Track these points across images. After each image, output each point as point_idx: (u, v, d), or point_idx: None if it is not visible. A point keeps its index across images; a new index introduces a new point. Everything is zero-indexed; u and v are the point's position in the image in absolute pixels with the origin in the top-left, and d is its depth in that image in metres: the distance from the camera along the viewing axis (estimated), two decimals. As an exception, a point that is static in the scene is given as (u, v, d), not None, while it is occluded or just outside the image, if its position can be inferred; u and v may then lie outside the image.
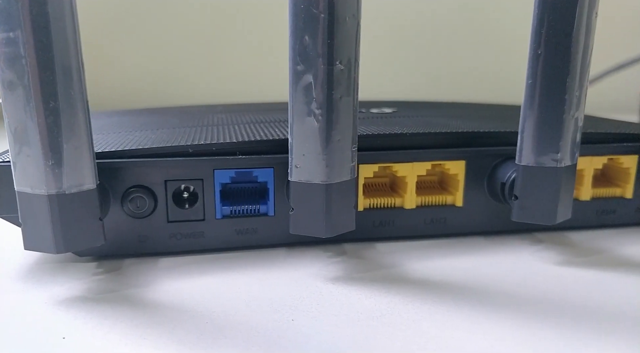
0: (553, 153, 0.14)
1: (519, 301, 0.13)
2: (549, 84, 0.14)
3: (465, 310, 0.12)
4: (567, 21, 0.14)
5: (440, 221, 0.17)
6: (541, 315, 0.12)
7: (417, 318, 0.12)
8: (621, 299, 0.13)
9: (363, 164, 0.16)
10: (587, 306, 0.13)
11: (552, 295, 0.13)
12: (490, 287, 0.14)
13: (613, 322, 0.12)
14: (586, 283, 0.14)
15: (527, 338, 0.11)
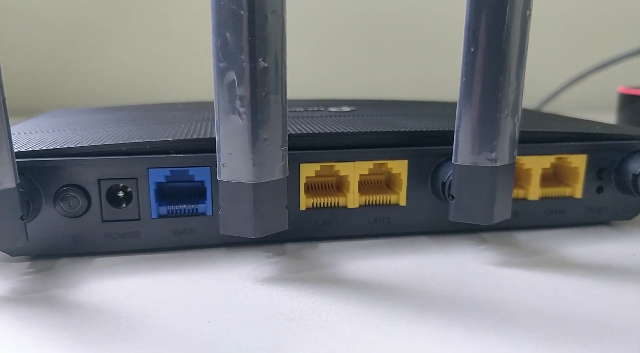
0: (488, 152, 0.14)
1: (443, 302, 0.13)
2: (482, 83, 0.14)
3: (387, 310, 0.12)
4: (499, 19, 0.13)
5: (384, 220, 0.17)
6: (461, 316, 0.12)
7: (336, 319, 0.12)
8: (548, 301, 0.13)
9: (305, 164, 0.16)
10: (510, 307, 0.12)
11: (479, 296, 0.13)
12: (419, 288, 0.13)
13: (531, 324, 0.12)
14: (517, 284, 0.14)
15: (439, 339, 0.11)
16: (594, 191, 0.18)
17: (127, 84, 0.55)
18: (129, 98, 0.53)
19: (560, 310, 0.12)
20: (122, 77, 0.56)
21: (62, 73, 0.54)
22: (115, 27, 0.55)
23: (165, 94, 0.55)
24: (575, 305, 0.13)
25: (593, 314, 0.12)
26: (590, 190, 0.18)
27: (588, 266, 0.15)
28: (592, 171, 0.18)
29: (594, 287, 0.14)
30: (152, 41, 0.56)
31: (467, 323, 0.12)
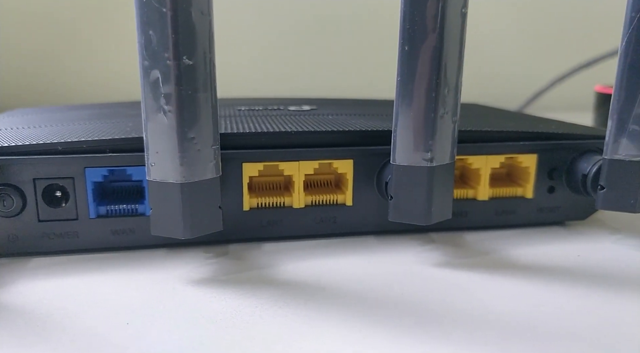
0: (424, 152, 0.14)
1: (369, 302, 0.12)
2: (416, 82, 0.14)
3: (312, 311, 0.12)
4: (432, 17, 0.13)
5: (331, 220, 0.17)
6: (382, 317, 0.12)
7: (257, 321, 0.12)
8: (476, 301, 0.13)
9: (247, 163, 0.16)
10: (435, 307, 0.12)
11: (407, 297, 0.13)
12: (350, 288, 0.13)
13: (451, 324, 0.11)
14: (450, 285, 0.14)
15: (357, 341, 0.11)
16: (545, 191, 0.18)
17: (115, 83, 0.55)
18: (117, 96, 0.53)
19: (485, 311, 0.12)
20: (113, 76, 0.55)
21: (54, 71, 0.54)
22: (99, 24, 0.55)
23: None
24: (502, 306, 0.12)
25: (518, 316, 0.12)
26: (541, 190, 0.18)
27: (528, 267, 0.15)
28: (543, 171, 0.18)
29: (527, 288, 0.13)
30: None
31: (387, 325, 0.11)
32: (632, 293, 0.13)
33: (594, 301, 0.13)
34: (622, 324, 0.12)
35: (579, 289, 0.13)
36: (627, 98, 0.15)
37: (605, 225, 0.19)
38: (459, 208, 0.18)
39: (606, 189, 0.16)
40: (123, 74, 0.54)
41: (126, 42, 0.55)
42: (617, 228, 0.18)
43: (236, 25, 0.56)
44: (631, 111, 0.15)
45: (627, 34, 0.15)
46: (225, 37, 0.55)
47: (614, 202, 0.16)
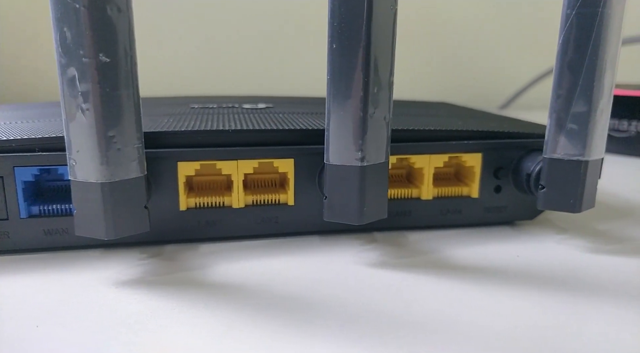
0: (355, 151, 0.14)
1: (291, 303, 0.12)
2: (345, 81, 0.13)
3: (231, 313, 0.12)
4: (358, 14, 0.13)
5: (272, 220, 0.17)
6: (301, 317, 0.12)
7: (170, 324, 0.11)
8: (401, 302, 0.12)
9: (183, 162, 0.16)
10: (355, 308, 0.12)
11: (332, 297, 0.13)
12: (277, 289, 0.13)
13: (370, 325, 0.11)
14: (379, 286, 0.13)
15: (269, 343, 0.11)
16: (491, 191, 0.18)
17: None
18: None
19: (405, 312, 0.12)
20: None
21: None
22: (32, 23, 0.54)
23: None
24: (425, 306, 0.12)
25: (438, 316, 0.12)
26: (487, 190, 0.18)
27: (463, 267, 0.15)
28: (489, 170, 0.17)
29: (455, 288, 0.13)
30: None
31: (302, 326, 0.11)
32: (561, 293, 0.13)
33: (518, 302, 0.12)
34: (544, 325, 0.11)
35: (507, 289, 0.13)
36: (565, 97, 0.15)
37: (553, 224, 0.18)
38: (403, 207, 0.17)
39: (546, 188, 0.16)
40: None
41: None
42: (564, 228, 0.18)
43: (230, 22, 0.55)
44: (569, 110, 0.15)
45: (564, 32, 0.15)
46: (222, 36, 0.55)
47: (555, 202, 0.16)
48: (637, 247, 0.16)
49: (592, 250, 0.16)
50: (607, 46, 0.14)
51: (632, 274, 0.14)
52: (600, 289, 0.13)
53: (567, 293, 0.13)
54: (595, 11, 0.14)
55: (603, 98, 0.15)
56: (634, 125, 0.31)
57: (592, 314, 0.12)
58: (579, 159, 0.15)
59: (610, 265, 0.15)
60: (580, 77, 0.14)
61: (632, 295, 0.13)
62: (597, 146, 0.15)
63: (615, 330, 0.11)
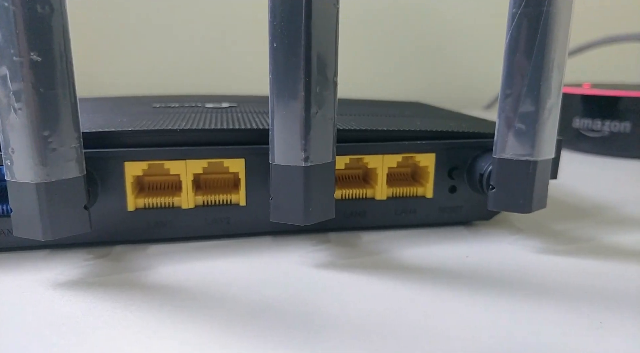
0: (299, 151, 0.14)
1: (230, 305, 0.12)
2: (286, 80, 0.13)
3: (163, 315, 0.12)
4: (296, 13, 0.13)
5: (224, 221, 0.17)
6: (231, 318, 0.11)
7: (100, 326, 0.11)
8: (338, 303, 0.12)
9: (129, 162, 0.15)
10: (296, 310, 0.12)
11: (272, 299, 0.12)
12: (217, 291, 0.13)
13: (298, 327, 0.11)
14: (317, 287, 0.13)
15: (194, 345, 0.10)
16: (446, 191, 0.18)
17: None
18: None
19: (340, 313, 0.12)
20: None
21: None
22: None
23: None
24: (360, 306, 0.12)
25: (370, 317, 0.12)
26: (442, 190, 0.18)
27: (409, 267, 0.15)
28: (443, 170, 0.17)
29: (396, 288, 0.13)
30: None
31: (233, 327, 0.11)
32: (501, 293, 0.13)
33: (455, 302, 0.12)
34: (477, 325, 0.11)
35: (448, 289, 0.13)
36: (512, 96, 0.15)
37: (510, 225, 0.18)
38: (358, 207, 0.17)
39: (496, 189, 0.16)
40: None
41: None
42: (520, 228, 0.18)
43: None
44: (517, 110, 0.15)
45: (510, 31, 0.14)
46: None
47: (504, 202, 0.15)
48: (589, 248, 0.16)
49: (542, 250, 0.16)
50: (553, 45, 0.14)
51: (576, 275, 0.14)
52: (542, 290, 0.13)
53: (507, 294, 0.13)
54: (540, 10, 0.14)
55: (551, 98, 0.15)
56: (607, 125, 0.31)
57: (527, 314, 0.12)
58: (528, 160, 0.15)
59: (557, 266, 0.15)
60: (527, 77, 0.14)
61: (573, 295, 0.13)
62: (546, 146, 0.15)
63: (547, 330, 0.11)
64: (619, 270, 0.14)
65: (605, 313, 0.12)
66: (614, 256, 0.15)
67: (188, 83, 0.55)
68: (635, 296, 0.13)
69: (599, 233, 0.17)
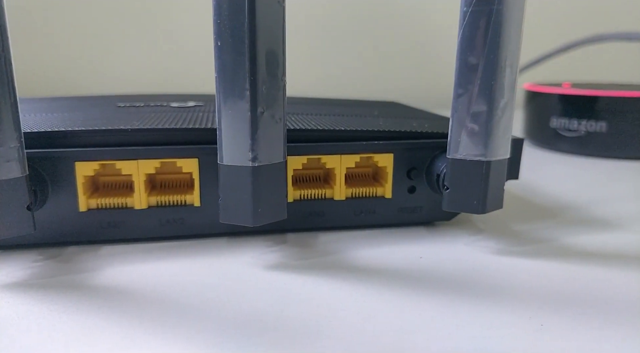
0: (246, 151, 0.14)
1: (166, 308, 0.12)
2: (231, 79, 0.13)
3: (96, 318, 0.11)
4: (239, 11, 0.13)
5: (178, 222, 0.16)
6: (174, 321, 0.11)
7: (31, 330, 0.11)
8: (272, 306, 0.12)
9: (80, 162, 0.15)
10: (229, 311, 0.12)
11: (213, 301, 0.12)
12: (159, 293, 0.13)
13: (242, 329, 0.11)
14: (266, 288, 0.13)
15: (123, 347, 0.10)
16: (405, 191, 0.17)
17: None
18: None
19: (282, 315, 0.12)
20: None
21: None
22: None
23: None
24: (294, 308, 0.12)
25: (301, 319, 0.11)
26: (401, 190, 0.17)
27: (362, 268, 0.14)
28: (402, 170, 0.17)
29: (341, 289, 0.13)
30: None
31: (171, 330, 0.11)
32: (448, 295, 0.13)
33: (398, 304, 0.12)
34: (417, 329, 0.11)
35: (392, 291, 0.13)
36: (464, 96, 0.15)
37: (472, 225, 0.18)
38: (316, 207, 0.17)
39: (450, 189, 0.15)
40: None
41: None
42: (482, 229, 0.18)
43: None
44: (468, 109, 0.15)
45: (461, 30, 0.14)
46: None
47: (459, 202, 0.15)
48: (545, 249, 0.16)
49: (498, 251, 0.16)
50: (504, 44, 0.14)
51: (526, 276, 0.14)
52: (489, 291, 0.13)
53: (453, 295, 0.13)
54: (490, 8, 0.14)
55: (504, 97, 0.14)
56: (584, 125, 0.31)
57: (469, 317, 0.12)
58: (481, 160, 0.15)
59: (509, 267, 0.15)
60: (478, 76, 0.14)
61: (519, 297, 0.13)
62: (499, 146, 0.15)
63: (485, 333, 0.11)
64: (570, 271, 0.14)
65: (547, 315, 0.12)
66: (568, 257, 0.15)
67: (185, 82, 0.55)
68: (579, 298, 0.13)
69: (559, 234, 0.17)
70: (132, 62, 0.55)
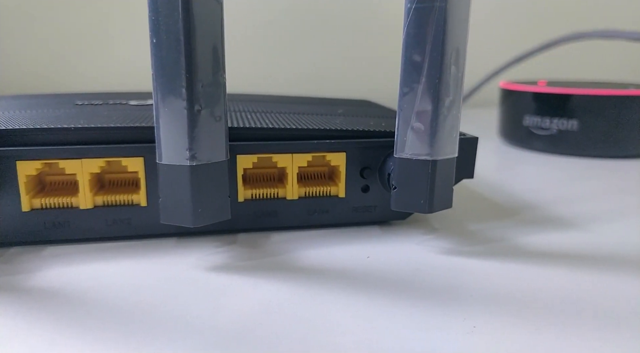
0: (184, 150, 0.13)
1: (98, 310, 0.12)
2: (168, 77, 0.13)
3: (18, 320, 0.11)
4: (174, 7, 0.12)
5: (124, 222, 0.16)
6: (97, 325, 0.11)
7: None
8: (213, 309, 0.12)
9: (22, 161, 0.15)
10: (166, 315, 0.12)
11: (138, 304, 0.12)
12: (93, 295, 0.13)
13: (170, 332, 0.11)
14: (204, 291, 0.13)
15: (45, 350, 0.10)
16: (359, 191, 0.17)
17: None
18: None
19: (214, 318, 0.11)
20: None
21: None
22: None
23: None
24: (239, 310, 0.12)
25: (249, 320, 0.11)
26: (355, 189, 0.17)
27: (306, 269, 0.14)
28: (355, 169, 0.17)
29: (279, 291, 0.13)
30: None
31: (80, 330, 0.11)
32: (388, 296, 0.13)
33: (333, 304, 0.12)
34: (348, 330, 0.11)
35: (332, 291, 0.13)
36: (410, 95, 0.14)
37: (427, 224, 0.18)
38: (269, 207, 0.17)
39: (397, 189, 0.15)
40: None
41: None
42: (437, 228, 0.18)
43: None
44: (413, 108, 0.14)
45: (405, 27, 0.14)
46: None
47: (406, 202, 0.15)
48: (496, 249, 0.16)
49: (447, 251, 0.16)
50: (449, 41, 0.14)
51: (469, 277, 0.14)
52: (430, 292, 0.13)
53: (393, 296, 0.13)
54: (432, 5, 0.14)
55: (449, 96, 0.14)
56: (556, 123, 0.31)
57: (403, 319, 0.12)
58: (426, 159, 0.15)
59: (455, 267, 0.14)
60: (422, 75, 0.14)
61: (458, 298, 0.13)
62: (446, 145, 0.15)
63: (416, 335, 0.11)
64: (513, 271, 0.14)
65: (482, 316, 0.12)
66: (515, 257, 0.15)
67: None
68: (517, 299, 0.12)
69: (513, 233, 0.17)
70: (118, 60, 0.55)
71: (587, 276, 0.14)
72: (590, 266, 0.14)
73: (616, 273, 0.14)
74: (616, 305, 0.12)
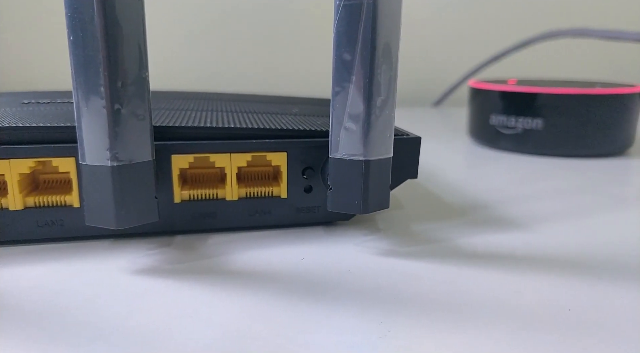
0: (104, 150, 0.13)
1: (8, 314, 0.11)
2: (85, 75, 0.13)
3: None
4: (88, 4, 0.12)
5: (57, 223, 0.16)
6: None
7: None
8: (124, 314, 0.12)
9: (-53, 162, 0.15)
10: (76, 321, 0.11)
11: (59, 309, 0.12)
12: (6, 300, 0.12)
13: (68, 339, 0.10)
14: (122, 296, 0.13)
15: None
16: (302, 191, 0.17)
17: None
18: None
19: (124, 325, 0.11)
20: None
21: None
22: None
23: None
24: (148, 314, 0.11)
25: (158, 325, 0.11)
26: (297, 190, 0.17)
27: (235, 271, 0.14)
28: (296, 169, 0.17)
29: (204, 294, 0.12)
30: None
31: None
32: (311, 298, 0.12)
33: (252, 309, 0.12)
34: (261, 334, 0.11)
35: (256, 294, 0.12)
36: (341, 94, 0.14)
37: (372, 225, 0.18)
38: (208, 208, 0.17)
39: (333, 189, 0.15)
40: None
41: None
42: (381, 228, 0.18)
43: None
44: (345, 108, 0.14)
45: (335, 25, 0.14)
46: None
47: (341, 203, 0.15)
48: (434, 250, 0.16)
49: (385, 252, 0.15)
50: (379, 39, 0.14)
51: (398, 279, 0.14)
52: (354, 294, 0.13)
53: (316, 298, 0.12)
54: (360, 2, 0.13)
55: (381, 95, 0.14)
56: (521, 122, 0.31)
57: (321, 321, 0.11)
58: (359, 159, 0.14)
59: (386, 269, 0.14)
60: (353, 74, 0.14)
61: (380, 300, 0.12)
62: (379, 145, 0.14)
63: (329, 339, 0.11)
64: (446, 273, 0.14)
65: (398, 319, 0.11)
66: (452, 258, 0.15)
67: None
68: (442, 302, 0.12)
69: (456, 234, 0.17)
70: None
71: (519, 276, 0.14)
72: (524, 267, 0.14)
73: (548, 274, 0.14)
74: (538, 305, 0.12)
